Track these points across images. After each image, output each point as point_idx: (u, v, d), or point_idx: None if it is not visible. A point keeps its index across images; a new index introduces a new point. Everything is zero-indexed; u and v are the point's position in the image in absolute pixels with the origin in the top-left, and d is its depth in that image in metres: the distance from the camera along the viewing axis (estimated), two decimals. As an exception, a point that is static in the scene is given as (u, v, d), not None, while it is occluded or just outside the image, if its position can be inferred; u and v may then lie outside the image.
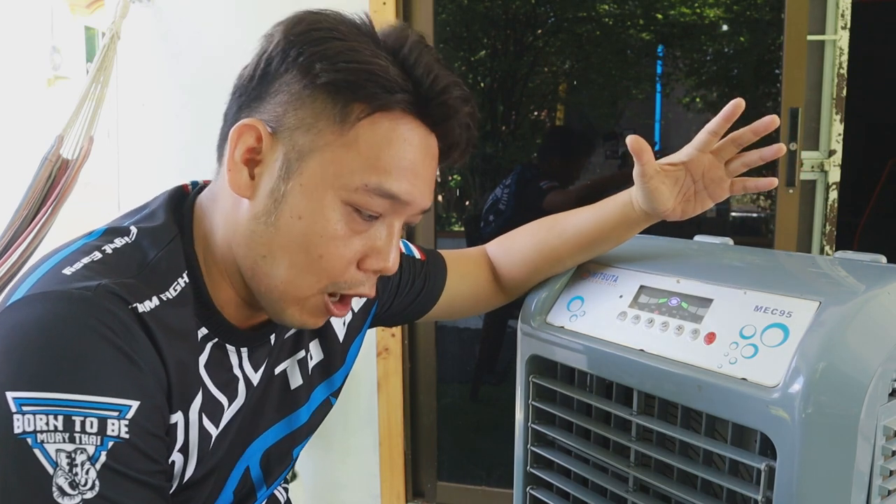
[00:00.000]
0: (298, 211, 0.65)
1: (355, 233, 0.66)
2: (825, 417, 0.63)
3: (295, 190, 0.65)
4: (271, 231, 0.66)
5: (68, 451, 0.55)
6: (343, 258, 0.66)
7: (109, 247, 0.65)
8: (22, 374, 0.55)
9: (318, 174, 0.64)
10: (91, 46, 5.93)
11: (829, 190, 1.89)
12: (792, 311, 0.70)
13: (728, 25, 2.61)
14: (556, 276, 0.97)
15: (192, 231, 0.70)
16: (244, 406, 0.75)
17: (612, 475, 0.85)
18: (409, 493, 2.08)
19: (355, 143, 0.64)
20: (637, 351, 0.79)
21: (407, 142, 0.66)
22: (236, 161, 0.66)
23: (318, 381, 0.84)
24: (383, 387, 2.01)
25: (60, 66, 5.71)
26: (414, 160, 0.66)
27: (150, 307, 0.61)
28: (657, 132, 2.64)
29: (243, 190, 0.66)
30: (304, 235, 0.65)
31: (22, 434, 0.54)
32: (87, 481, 0.55)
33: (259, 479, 0.80)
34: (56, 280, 0.60)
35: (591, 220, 0.91)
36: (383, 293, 0.93)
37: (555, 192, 2.41)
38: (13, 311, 0.58)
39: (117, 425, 0.57)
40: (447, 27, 2.70)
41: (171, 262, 0.66)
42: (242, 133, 0.65)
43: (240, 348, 0.73)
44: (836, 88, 1.86)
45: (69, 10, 5.56)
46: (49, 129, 1.78)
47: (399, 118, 0.65)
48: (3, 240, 1.67)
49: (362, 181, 0.64)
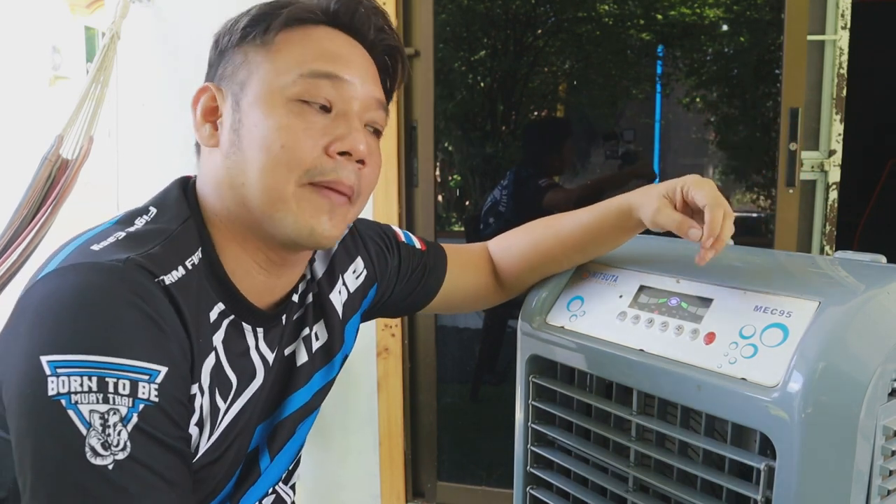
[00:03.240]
0: (253, 122, 0.70)
1: (313, 122, 0.70)
2: (825, 417, 0.63)
3: (246, 111, 0.71)
4: (239, 155, 0.70)
5: (101, 411, 0.57)
6: (304, 143, 0.69)
7: (131, 227, 0.68)
8: (57, 338, 0.57)
9: (259, 87, 0.71)
10: (91, 46, 5.93)
11: (829, 190, 1.89)
12: (792, 311, 0.70)
13: (728, 25, 2.61)
14: (556, 275, 0.97)
15: (200, 212, 0.73)
16: (261, 387, 0.76)
17: (611, 475, 0.85)
18: (409, 493, 2.08)
19: (280, 50, 0.71)
20: (637, 351, 0.79)
21: (326, 38, 0.73)
22: (198, 119, 0.74)
23: (320, 364, 0.86)
24: (383, 387, 2.01)
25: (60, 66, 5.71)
26: (338, 50, 0.73)
27: (175, 277, 0.64)
28: (657, 132, 2.64)
29: (209, 140, 0.73)
30: (264, 137, 0.69)
31: (56, 395, 0.56)
32: (119, 442, 0.57)
33: (264, 454, 0.81)
34: (86, 254, 0.63)
35: (588, 223, 0.92)
36: (383, 278, 0.94)
37: (554, 191, 2.41)
38: (46, 281, 0.61)
39: (148, 388, 0.59)
40: (447, 27, 2.70)
41: (189, 238, 0.70)
42: (198, 97, 0.74)
43: (256, 328, 0.75)
44: (836, 88, 1.86)
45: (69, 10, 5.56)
46: (49, 129, 1.78)
47: (314, 27, 0.73)
48: (2, 239, 1.67)
49: (297, 73, 0.70)
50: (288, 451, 0.85)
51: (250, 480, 0.80)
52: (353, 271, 0.90)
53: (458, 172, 2.89)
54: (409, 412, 2.05)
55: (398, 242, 0.97)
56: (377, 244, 0.94)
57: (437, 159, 2.06)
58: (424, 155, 1.97)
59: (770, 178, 2.34)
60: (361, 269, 0.91)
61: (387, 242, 0.95)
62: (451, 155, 2.88)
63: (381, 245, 0.94)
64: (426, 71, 1.93)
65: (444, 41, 2.66)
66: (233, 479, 0.78)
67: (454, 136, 2.82)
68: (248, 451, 0.79)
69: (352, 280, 0.89)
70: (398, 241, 0.97)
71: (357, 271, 0.90)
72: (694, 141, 2.80)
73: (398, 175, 1.94)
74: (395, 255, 0.95)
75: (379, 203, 1.94)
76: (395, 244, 0.96)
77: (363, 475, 2.07)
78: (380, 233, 0.96)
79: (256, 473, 0.81)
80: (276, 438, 0.82)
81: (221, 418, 0.72)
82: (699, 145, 2.81)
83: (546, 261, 0.96)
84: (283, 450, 0.84)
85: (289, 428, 0.83)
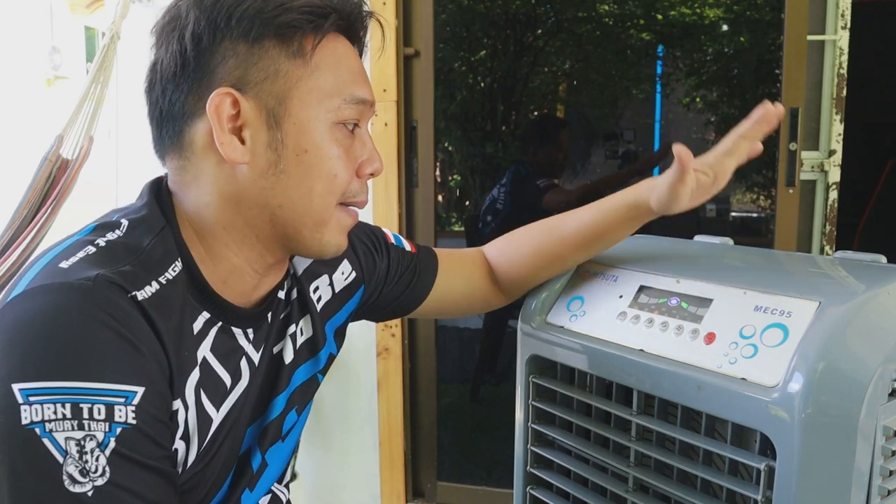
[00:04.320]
0: (302, 146, 0.69)
1: (351, 147, 0.72)
2: (825, 417, 0.63)
3: (290, 131, 0.68)
4: (282, 178, 0.69)
5: (77, 438, 0.55)
6: (350, 171, 0.72)
7: (102, 240, 0.65)
8: (27, 364, 0.56)
9: (304, 108, 0.69)
10: (91, 46, 5.93)
11: (829, 190, 1.89)
12: (792, 311, 0.70)
13: (728, 25, 2.61)
14: (556, 276, 0.97)
15: (176, 219, 0.71)
16: (248, 388, 0.75)
17: (611, 475, 0.85)
18: (409, 493, 2.08)
19: (319, 69, 0.69)
20: (637, 351, 0.79)
21: (349, 54, 0.73)
22: (225, 132, 0.67)
23: (304, 358, 0.85)
24: (383, 387, 2.01)
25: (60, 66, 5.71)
26: (359, 66, 0.74)
27: (149, 293, 0.62)
28: (657, 132, 2.64)
29: (240, 156, 0.67)
30: (316, 165, 0.69)
31: (30, 424, 0.55)
32: (97, 468, 0.56)
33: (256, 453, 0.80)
34: (54, 273, 0.60)
35: (594, 220, 0.91)
36: (371, 279, 0.93)
37: (553, 192, 2.41)
38: (13, 305, 0.59)
39: (124, 411, 0.57)
40: (447, 27, 2.70)
41: (165, 249, 0.68)
42: (219, 105, 0.66)
43: (245, 329, 0.74)
44: (836, 88, 1.86)
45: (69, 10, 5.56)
46: (49, 129, 1.78)
47: (335, 38, 0.72)
48: (2, 239, 1.67)
49: (341, 97, 0.70)
50: (281, 451, 0.84)
51: (244, 483, 0.80)
52: (342, 273, 0.89)
53: (458, 172, 2.89)
54: (409, 412, 2.05)
55: (388, 244, 0.96)
56: (365, 245, 0.93)
57: (437, 159, 2.06)
58: (424, 155, 1.97)
59: (770, 178, 2.34)
60: (349, 270, 0.90)
61: (376, 244, 0.95)
62: (451, 155, 2.88)
63: (370, 246, 0.94)
64: (426, 71, 1.93)
65: (444, 41, 2.66)
66: (226, 482, 0.77)
67: (454, 136, 2.82)
68: (239, 454, 0.78)
69: (339, 280, 0.89)
70: (387, 242, 0.97)
71: (345, 273, 0.90)
72: (694, 141, 2.80)
73: (398, 175, 1.94)
74: (384, 257, 0.95)
75: (379, 203, 1.94)
76: (385, 246, 0.96)
77: (363, 475, 2.07)
78: (369, 234, 0.95)
79: (249, 475, 0.80)
80: (267, 438, 0.81)
81: (211, 427, 0.71)
82: (699, 145, 2.80)
83: (549, 263, 0.95)
84: (273, 449, 0.83)
85: (275, 427, 0.82)
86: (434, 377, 2.07)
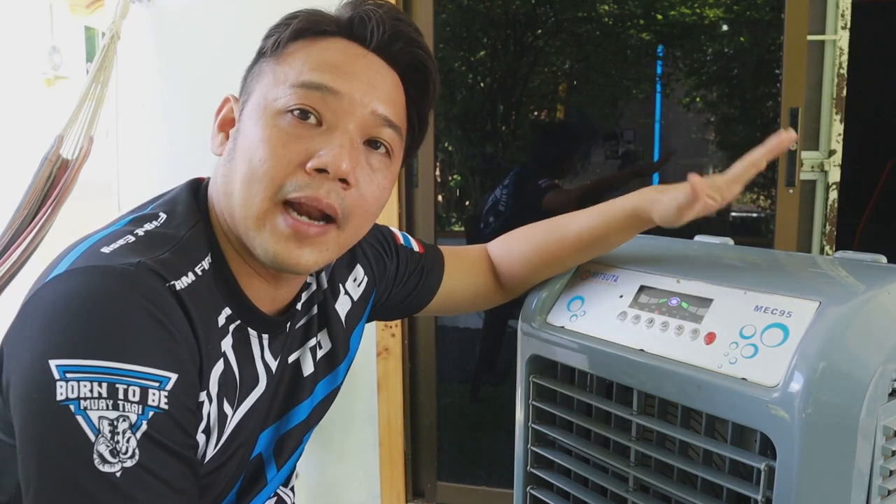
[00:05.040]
0: (244, 132, 0.70)
1: (299, 137, 0.67)
2: (825, 417, 0.63)
3: (244, 120, 0.71)
4: (231, 165, 0.70)
5: (111, 418, 0.56)
6: (283, 157, 0.67)
7: (141, 230, 0.67)
8: (66, 342, 0.56)
9: (258, 98, 0.70)
10: (91, 46, 5.94)
11: (829, 190, 1.89)
12: (792, 311, 0.70)
13: (728, 25, 2.61)
14: (557, 276, 0.97)
15: (209, 217, 0.73)
16: (264, 393, 0.76)
17: (612, 475, 0.85)
18: (409, 493, 2.08)
19: (285, 61, 0.70)
20: (637, 351, 0.79)
21: (333, 49, 0.70)
22: (215, 129, 0.75)
23: (323, 374, 0.86)
24: (383, 387, 2.01)
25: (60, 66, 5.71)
26: (340, 61, 0.70)
27: (185, 283, 0.64)
28: (657, 132, 2.64)
29: (217, 148, 0.73)
30: (247, 148, 0.68)
31: (65, 401, 0.55)
32: (127, 449, 0.56)
33: (271, 465, 0.81)
34: (97, 257, 0.62)
35: (594, 224, 0.91)
36: (381, 281, 0.94)
37: (554, 192, 2.41)
38: (56, 283, 0.60)
39: (158, 395, 0.58)
40: (447, 27, 2.70)
41: (199, 243, 0.69)
42: (221, 108, 0.75)
43: (261, 334, 0.75)
44: (836, 88, 1.86)
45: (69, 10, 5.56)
46: (49, 129, 1.78)
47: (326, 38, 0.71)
48: (3, 239, 1.67)
49: (290, 83, 0.68)
50: (293, 459, 0.85)
51: (256, 489, 0.80)
52: (354, 279, 0.90)
53: (458, 172, 2.89)
54: (409, 412, 2.05)
55: (397, 245, 0.97)
56: (375, 249, 0.94)
57: (437, 159, 2.05)
58: (424, 155, 1.97)
59: (770, 178, 2.34)
60: (362, 276, 0.91)
61: (385, 246, 0.95)
62: (451, 155, 2.88)
63: (380, 249, 0.94)
64: (426, 71, 1.93)
65: (444, 41, 2.66)
66: (236, 485, 0.77)
67: (454, 136, 2.81)
68: (250, 458, 0.78)
69: (354, 288, 0.89)
70: (397, 244, 0.97)
71: (358, 279, 0.90)
72: (694, 141, 2.80)
73: (398, 175, 1.94)
74: (394, 259, 0.95)
75: (379, 203, 1.94)
76: (394, 248, 0.96)
77: (363, 475, 2.07)
78: (378, 236, 0.95)
79: (263, 483, 0.81)
80: (284, 449, 0.82)
81: (227, 425, 0.71)
82: (699, 145, 2.80)
83: (549, 263, 0.96)
84: (290, 458, 0.84)
85: (296, 438, 0.83)
86: (434, 377, 2.07)
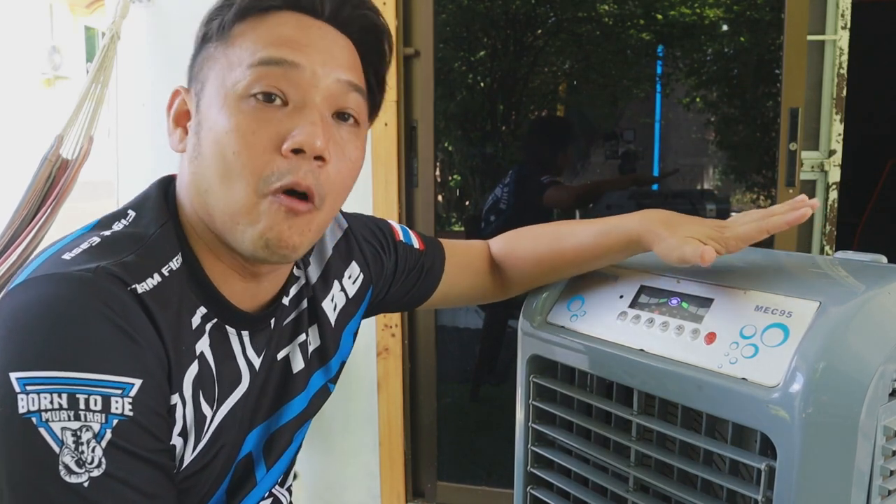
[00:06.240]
0: (209, 125, 0.67)
1: (268, 120, 0.65)
2: (825, 417, 0.63)
3: (204, 112, 0.68)
4: (201, 161, 0.67)
5: (73, 428, 0.56)
6: (257, 146, 0.64)
7: (107, 231, 0.66)
8: (25, 354, 0.56)
9: (214, 85, 0.67)
10: (91, 46, 5.94)
11: (829, 190, 1.89)
12: (792, 311, 0.70)
13: (728, 25, 2.61)
14: (554, 283, 0.97)
15: (178, 215, 0.71)
16: (249, 392, 0.75)
17: (612, 475, 0.85)
18: (409, 493, 2.08)
19: (235, 43, 0.67)
20: (637, 351, 0.79)
21: (282, 23, 0.68)
22: (170, 125, 0.72)
23: (315, 367, 0.84)
24: (383, 387, 2.01)
25: (60, 66, 5.71)
26: (293, 34, 0.67)
27: (150, 285, 0.62)
28: (657, 132, 2.64)
29: (178, 145, 0.71)
30: (217, 142, 0.65)
31: (27, 413, 0.55)
32: (93, 459, 0.56)
33: (260, 464, 0.80)
34: (56, 264, 0.61)
35: (593, 243, 0.89)
36: (378, 279, 0.93)
37: (555, 188, 2.41)
38: (15, 294, 0.59)
39: (121, 403, 0.57)
40: (447, 27, 2.70)
41: (167, 243, 0.68)
42: (172, 102, 0.73)
43: (241, 331, 0.73)
44: (836, 88, 1.86)
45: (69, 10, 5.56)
46: (49, 129, 1.78)
47: (273, 13, 0.68)
48: (2, 239, 1.67)
49: (246, 64, 0.65)
50: (285, 457, 0.84)
51: (246, 489, 0.79)
52: (349, 276, 0.89)
53: (458, 172, 2.89)
54: (409, 412, 2.05)
55: (395, 242, 0.95)
56: (372, 245, 0.92)
57: (437, 159, 2.06)
58: (424, 155, 1.97)
59: (770, 178, 2.34)
60: (357, 273, 0.89)
61: (383, 243, 0.94)
62: (451, 155, 2.88)
63: (377, 246, 0.93)
64: (426, 71, 1.93)
65: (444, 41, 2.66)
66: (223, 486, 0.76)
67: (454, 136, 2.82)
68: (238, 459, 0.77)
69: (349, 285, 0.88)
70: (395, 240, 0.96)
71: (353, 276, 0.89)
72: (694, 141, 2.80)
73: (398, 175, 1.94)
74: (392, 256, 0.94)
75: (379, 203, 1.94)
76: (393, 244, 0.95)
77: (363, 475, 2.07)
78: (375, 232, 0.94)
79: (252, 483, 0.80)
80: (274, 447, 0.80)
81: (208, 426, 0.70)
82: (699, 145, 2.81)
83: (547, 272, 0.95)
84: (280, 457, 0.83)
85: (287, 436, 0.82)
86: (434, 377, 2.07)
